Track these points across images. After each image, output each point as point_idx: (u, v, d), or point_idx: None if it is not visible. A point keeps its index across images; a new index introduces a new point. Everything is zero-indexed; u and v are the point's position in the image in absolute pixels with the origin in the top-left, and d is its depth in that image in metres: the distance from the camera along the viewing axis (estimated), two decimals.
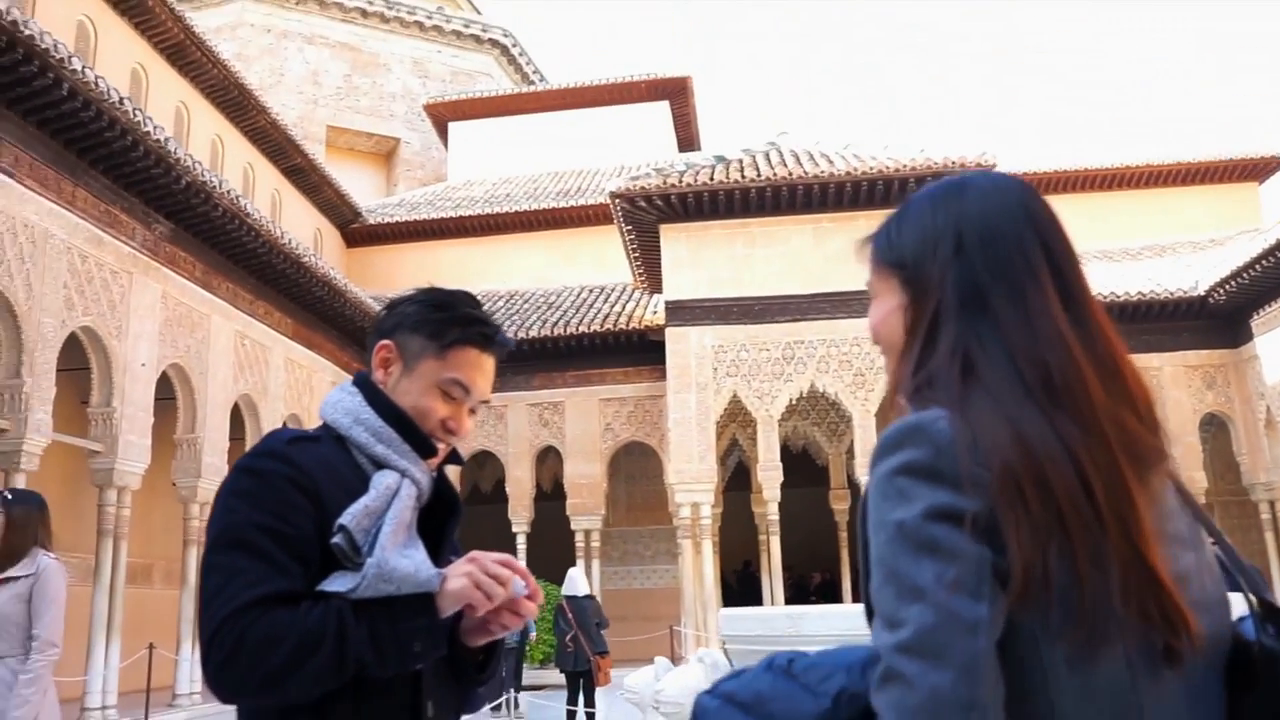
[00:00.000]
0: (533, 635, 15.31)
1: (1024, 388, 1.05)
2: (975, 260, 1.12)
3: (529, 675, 16.56)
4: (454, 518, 1.76)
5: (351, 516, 1.53)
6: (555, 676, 17.87)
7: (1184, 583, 1.03)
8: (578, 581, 11.44)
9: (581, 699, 10.98)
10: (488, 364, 1.74)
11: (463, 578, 1.54)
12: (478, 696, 1.76)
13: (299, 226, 24.08)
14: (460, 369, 1.70)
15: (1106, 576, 0.98)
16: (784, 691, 1.07)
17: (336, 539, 1.52)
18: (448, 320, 1.70)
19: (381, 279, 26.83)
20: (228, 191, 14.49)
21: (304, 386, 18.80)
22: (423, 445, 1.68)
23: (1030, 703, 0.97)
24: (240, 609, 1.46)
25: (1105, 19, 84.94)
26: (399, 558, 1.52)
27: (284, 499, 1.53)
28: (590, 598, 11.38)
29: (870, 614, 1.08)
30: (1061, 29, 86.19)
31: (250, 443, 16.91)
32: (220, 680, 1.48)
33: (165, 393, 14.74)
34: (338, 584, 1.51)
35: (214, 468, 15.51)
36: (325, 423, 1.71)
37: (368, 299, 20.15)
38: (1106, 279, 20.31)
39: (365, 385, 1.72)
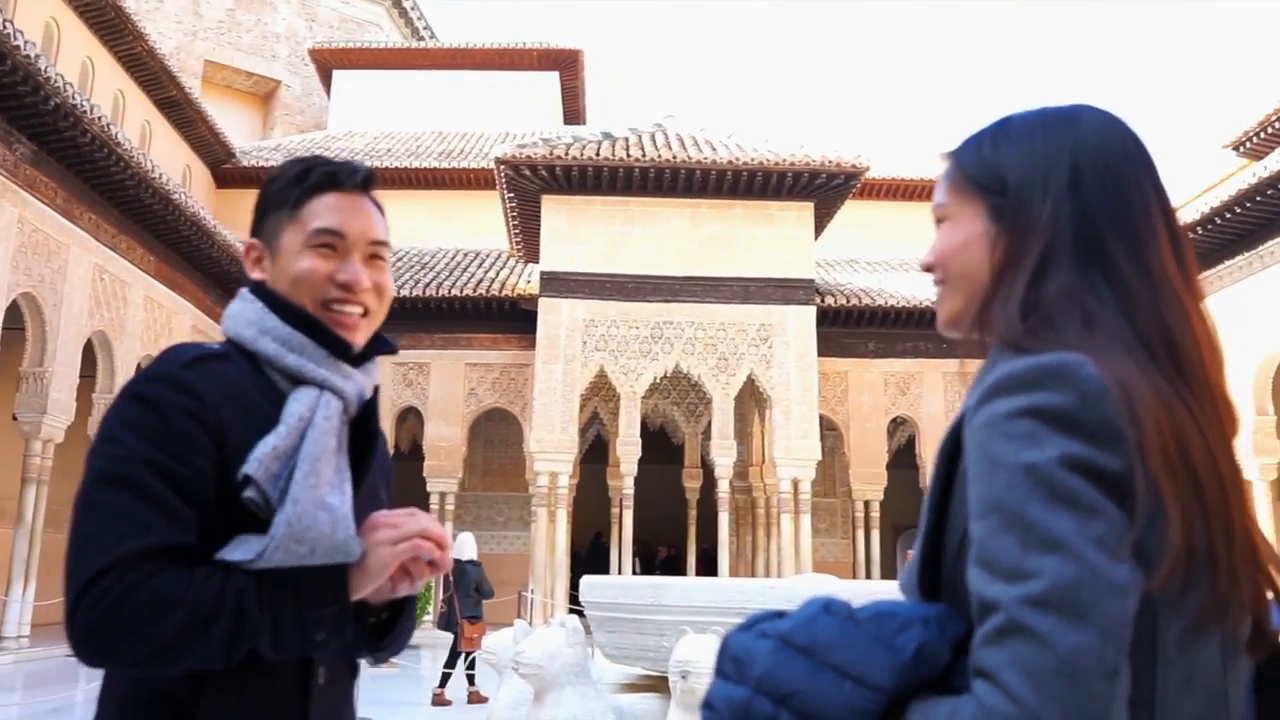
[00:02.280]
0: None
1: (1145, 347, 0.97)
2: (1093, 199, 1.01)
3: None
4: (370, 453, 1.50)
5: (258, 464, 1.31)
6: (422, 635, 18.05)
7: None
8: (465, 546, 11.72)
9: (445, 658, 11.27)
10: (355, 202, 1.51)
11: (385, 547, 1.35)
12: (379, 654, 1.55)
13: (168, 161, 23.27)
14: (319, 216, 1.47)
15: (1232, 551, 0.93)
16: (853, 639, 0.93)
17: (248, 494, 1.31)
18: (285, 183, 1.50)
19: None
20: (98, 118, 14.00)
21: (163, 328, 18.28)
22: (336, 344, 1.45)
23: (1134, 686, 0.87)
24: (123, 560, 1.23)
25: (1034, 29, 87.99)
26: (315, 511, 1.30)
27: (180, 432, 1.30)
28: (474, 563, 11.63)
29: (927, 576, 1.02)
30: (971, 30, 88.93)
31: (103, 381, 16.38)
32: (88, 644, 1.23)
33: (12, 322, 14.16)
34: (239, 553, 1.29)
35: (61, 404, 15.00)
36: (229, 338, 1.47)
37: (237, 242, 19.67)
38: None
39: (262, 291, 1.49)
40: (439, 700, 10.88)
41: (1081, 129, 1.04)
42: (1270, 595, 1.00)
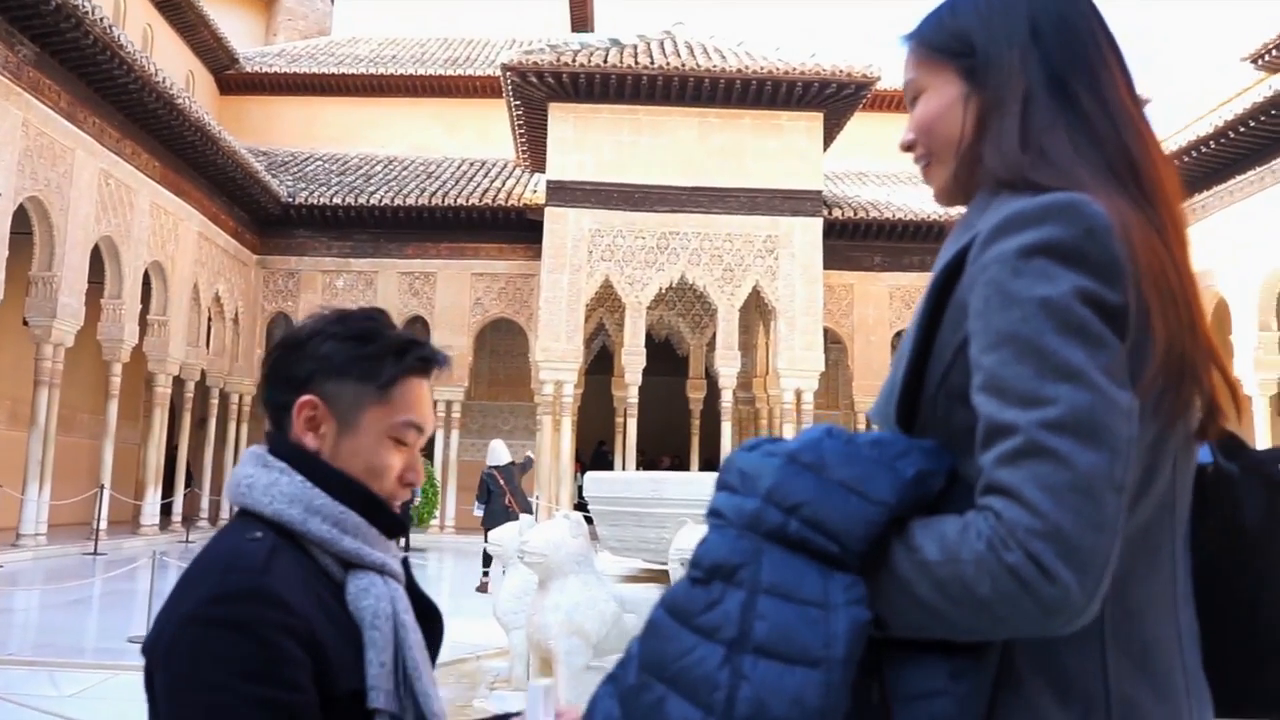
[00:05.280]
0: (417, 499, 16.08)
1: (1115, 176, 1.05)
2: (1052, 45, 1.10)
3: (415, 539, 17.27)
4: (433, 620, 1.41)
5: (384, 694, 1.23)
6: (428, 539, 18.53)
7: None
8: (501, 452, 12.67)
9: None
10: (429, 389, 1.40)
11: None
12: None
13: (171, 66, 22.99)
14: (411, 408, 1.34)
15: (1197, 353, 1.02)
16: (857, 459, 0.99)
17: None
18: (379, 353, 1.33)
19: (257, 130, 25.98)
20: (100, 19, 13.84)
21: (169, 234, 18.29)
22: (392, 524, 1.34)
23: None
24: None
25: None
26: (439, 714, 1.29)
27: (284, 658, 1.16)
28: (513, 464, 12.68)
29: (905, 405, 1.07)
30: None
31: (111, 287, 16.41)
32: None
33: (20, 227, 14.16)
34: None
35: (70, 309, 15.09)
36: (260, 514, 1.28)
37: (241, 149, 19.57)
38: None
39: (301, 459, 1.31)
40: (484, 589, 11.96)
41: None
42: (1215, 398, 1.10)
